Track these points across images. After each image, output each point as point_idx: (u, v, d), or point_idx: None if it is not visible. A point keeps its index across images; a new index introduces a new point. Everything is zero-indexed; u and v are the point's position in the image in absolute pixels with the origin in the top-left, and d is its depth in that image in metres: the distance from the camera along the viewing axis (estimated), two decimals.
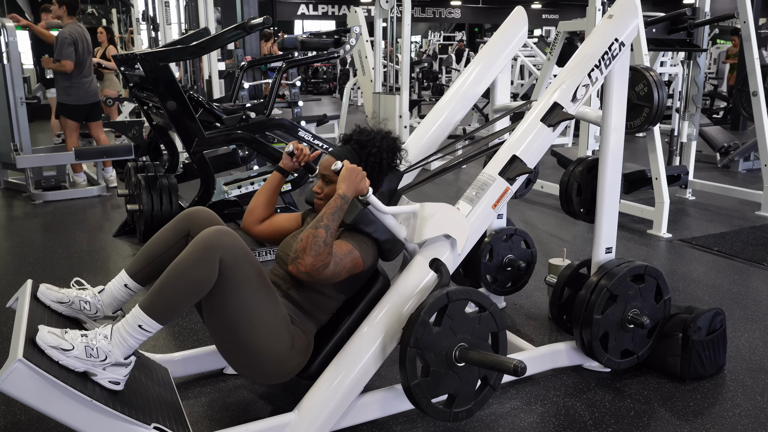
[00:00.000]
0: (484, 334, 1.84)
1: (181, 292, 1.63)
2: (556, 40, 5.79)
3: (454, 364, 1.78)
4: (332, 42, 4.24)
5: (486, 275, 2.76)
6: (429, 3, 26.47)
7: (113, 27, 11.54)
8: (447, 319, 1.77)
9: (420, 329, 1.72)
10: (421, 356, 1.74)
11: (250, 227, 2.10)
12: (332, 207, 1.76)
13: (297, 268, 1.70)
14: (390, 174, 2.04)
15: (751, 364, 2.40)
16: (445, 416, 1.81)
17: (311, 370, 1.88)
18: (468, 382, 1.83)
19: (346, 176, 1.79)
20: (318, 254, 1.69)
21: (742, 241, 3.97)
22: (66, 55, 5.10)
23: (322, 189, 1.98)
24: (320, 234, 1.70)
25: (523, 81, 10.22)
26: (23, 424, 1.99)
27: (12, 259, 3.63)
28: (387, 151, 1.99)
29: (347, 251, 1.81)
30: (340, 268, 1.77)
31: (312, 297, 1.90)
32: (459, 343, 1.79)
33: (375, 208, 1.86)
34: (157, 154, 5.05)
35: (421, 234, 1.93)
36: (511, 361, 1.66)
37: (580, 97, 2.14)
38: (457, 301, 1.78)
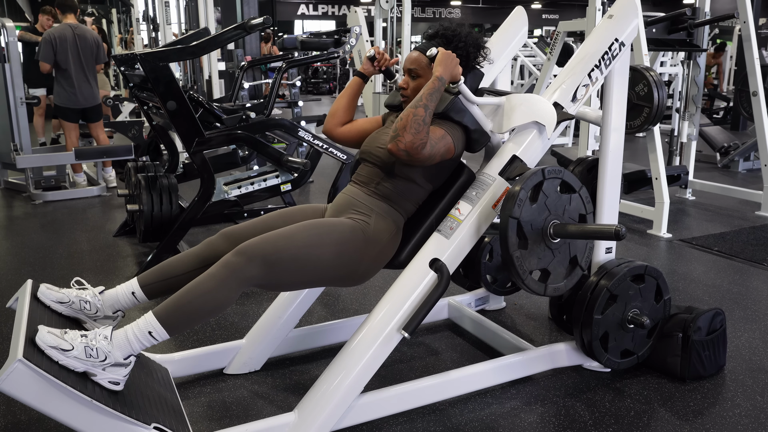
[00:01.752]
0: (574, 215, 1.96)
1: (199, 310, 1.66)
2: (556, 40, 5.79)
3: (549, 239, 1.90)
4: (332, 42, 4.24)
5: (486, 275, 2.76)
6: (429, 3, 26.48)
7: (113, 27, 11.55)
8: (542, 196, 1.87)
9: (519, 201, 1.81)
10: (519, 228, 1.83)
11: (332, 130, 2.17)
12: (430, 88, 1.83)
13: (397, 145, 1.77)
14: (473, 71, 2.08)
15: (751, 364, 2.40)
16: (540, 289, 1.94)
17: (401, 258, 1.97)
18: (560, 260, 1.95)
19: (443, 60, 1.86)
20: (418, 132, 1.77)
21: (742, 241, 3.97)
22: (43, 56, 5.07)
23: (408, 84, 2.04)
24: (420, 113, 1.78)
25: (523, 81, 10.22)
26: (23, 424, 1.99)
27: (12, 259, 3.63)
28: (473, 46, 2.04)
29: (441, 135, 1.89)
30: (435, 151, 1.85)
31: (402, 186, 1.96)
32: (553, 220, 1.90)
33: (464, 97, 1.94)
34: (157, 154, 5.05)
35: (510, 121, 2.01)
36: (611, 227, 1.75)
37: (580, 97, 2.14)
38: (551, 179, 1.90)
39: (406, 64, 2.05)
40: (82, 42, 5.18)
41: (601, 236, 1.79)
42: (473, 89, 2.09)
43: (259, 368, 2.31)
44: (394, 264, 1.98)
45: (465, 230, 1.96)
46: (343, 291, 3.09)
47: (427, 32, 2.11)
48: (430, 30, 2.10)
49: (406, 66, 2.05)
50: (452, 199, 2.03)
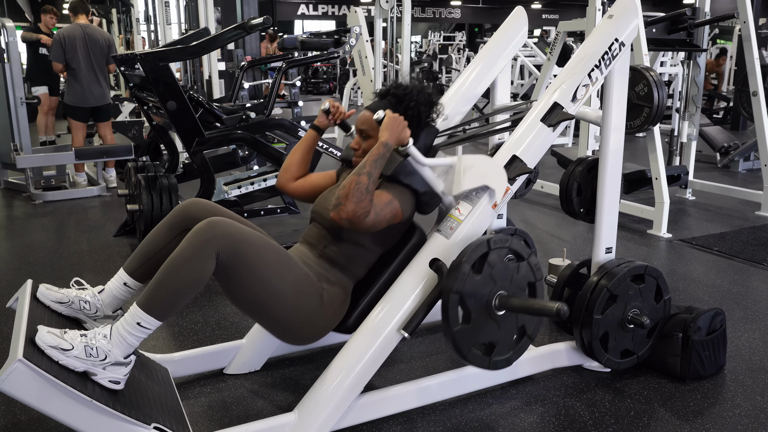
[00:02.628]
0: (522, 283, 1.89)
1: (177, 289, 1.63)
2: (556, 40, 5.79)
3: (494, 312, 1.83)
4: (332, 42, 4.24)
5: None
6: (429, 3, 26.47)
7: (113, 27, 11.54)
8: (487, 267, 1.80)
9: (462, 276, 1.75)
10: (462, 303, 1.77)
11: (285, 184, 2.13)
12: (375, 154, 1.78)
13: (339, 214, 1.72)
14: (426, 129, 2.05)
15: (751, 364, 2.40)
16: (484, 364, 1.86)
17: (348, 323, 1.92)
18: (507, 331, 1.87)
19: (389, 124, 1.81)
20: (360, 201, 1.71)
21: (742, 241, 3.97)
22: (54, 56, 5.15)
23: (360, 144, 2.00)
24: (363, 180, 1.73)
25: (523, 81, 10.21)
26: (23, 424, 1.99)
27: (12, 259, 3.63)
28: (424, 105, 2.01)
29: (387, 201, 1.84)
30: (380, 218, 1.80)
31: (350, 251, 1.92)
32: (499, 291, 1.83)
33: (414, 160, 1.89)
34: (157, 154, 5.05)
35: (459, 186, 1.95)
36: (553, 305, 1.68)
37: (580, 97, 2.14)
38: (497, 249, 1.82)
39: (357, 124, 2.00)
40: (92, 42, 5.21)
41: (543, 313, 1.73)
42: (427, 147, 2.05)
43: (259, 368, 2.31)
44: (341, 329, 1.92)
45: (465, 230, 1.96)
46: None
47: (380, 90, 2.07)
48: (382, 87, 2.07)
49: (357, 126, 2.01)
50: (403, 261, 1.96)
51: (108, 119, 5.55)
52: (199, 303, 2.92)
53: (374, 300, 1.93)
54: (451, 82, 14.03)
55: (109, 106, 5.50)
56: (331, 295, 1.86)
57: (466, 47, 17.72)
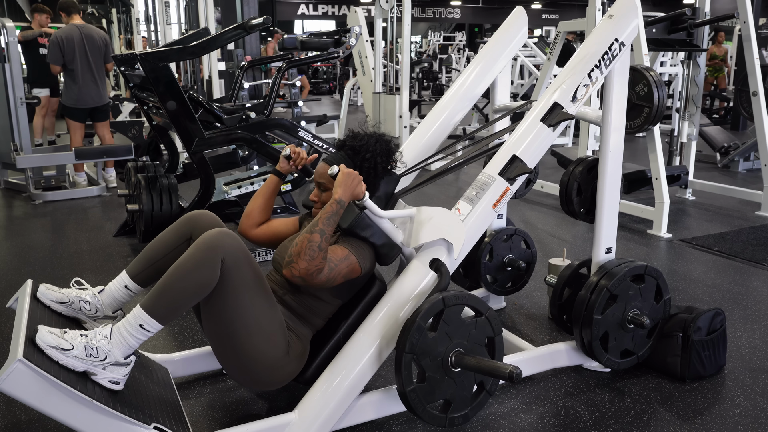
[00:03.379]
0: (481, 339, 1.83)
1: (182, 293, 1.63)
2: (556, 40, 5.79)
3: (450, 369, 1.77)
4: (332, 42, 4.23)
5: (486, 275, 2.76)
6: (429, 3, 26.47)
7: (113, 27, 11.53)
8: (443, 324, 1.75)
9: (416, 334, 1.70)
10: (417, 362, 1.73)
11: (247, 231, 2.09)
12: (328, 212, 1.75)
13: (291, 272, 1.70)
14: (386, 177, 2.02)
15: (751, 364, 2.40)
16: (440, 422, 1.80)
17: (307, 375, 1.88)
18: (464, 387, 1.82)
19: (342, 181, 1.77)
20: (312, 259, 1.68)
21: (742, 241, 3.97)
22: (51, 58, 5.12)
23: (319, 197, 1.98)
24: (315, 239, 1.69)
25: (523, 81, 10.22)
26: (23, 424, 1.99)
27: (12, 259, 3.63)
28: (381, 155, 1.98)
29: (343, 257, 1.80)
30: (335, 274, 1.77)
31: (308, 302, 1.89)
32: (455, 348, 1.78)
33: (371, 213, 1.85)
34: (157, 154, 5.05)
35: (417, 238, 1.92)
36: (507, 367, 1.64)
37: (580, 97, 2.14)
38: (453, 306, 1.77)
39: (315, 176, 1.98)
40: (89, 42, 5.20)
41: (495, 375, 1.68)
42: (388, 195, 2.03)
43: None
44: (300, 380, 1.88)
45: (465, 229, 1.96)
46: None
47: (336, 141, 2.05)
48: (339, 139, 2.04)
49: (315, 179, 1.98)
50: (362, 312, 1.92)
51: (106, 119, 5.55)
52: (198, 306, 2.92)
53: (333, 352, 1.88)
54: (451, 82, 14.04)
55: (106, 107, 5.50)
56: (294, 344, 1.84)
57: (466, 47, 17.73)
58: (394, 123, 5.80)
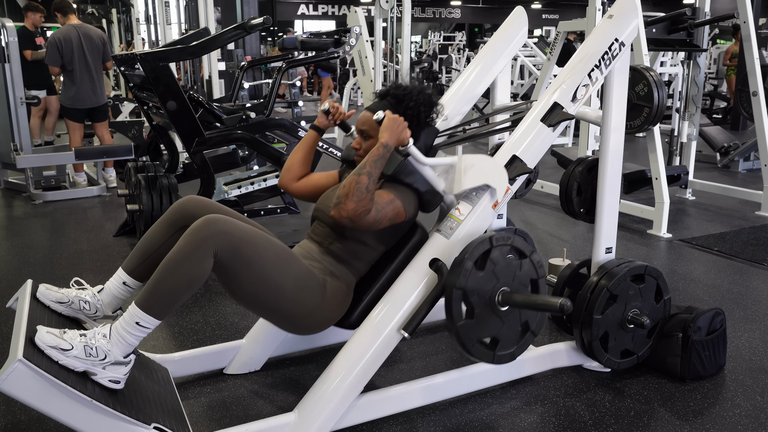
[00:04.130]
0: (525, 280, 1.91)
1: (175, 288, 1.63)
2: (556, 40, 5.79)
3: (497, 307, 1.85)
4: (332, 42, 4.24)
5: None
6: (429, 3, 26.48)
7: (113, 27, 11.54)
8: (490, 264, 1.83)
9: (465, 272, 1.77)
10: (465, 298, 1.79)
11: (288, 184, 2.14)
12: (375, 155, 1.80)
13: (339, 212, 1.74)
14: (427, 129, 2.06)
15: (751, 364, 2.40)
16: (488, 358, 1.88)
17: (351, 319, 1.94)
18: (510, 327, 1.90)
19: (389, 125, 1.83)
20: (360, 200, 1.73)
21: (742, 241, 3.97)
22: (50, 59, 5.10)
23: (361, 145, 2.02)
24: (362, 180, 1.74)
25: (523, 81, 10.22)
26: (23, 424, 1.99)
27: (12, 259, 3.63)
28: (424, 105, 2.02)
29: (389, 200, 1.86)
30: (381, 216, 1.82)
31: (353, 247, 1.94)
32: (502, 288, 1.85)
33: (415, 159, 1.90)
34: (157, 154, 5.05)
35: (460, 184, 1.97)
36: (557, 300, 1.70)
37: (580, 97, 2.14)
38: (500, 246, 1.85)
39: (358, 124, 2.01)
40: (87, 42, 5.19)
41: (545, 308, 1.75)
42: (427, 147, 2.06)
43: (259, 368, 2.31)
44: (344, 324, 1.94)
45: (465, 230, 1.96)
46: None
47: (380, 91, 2.08)
48: (382, 88, 2.08)
49: (357, 126, 2.02)
50: (405, 259, 1.98)
51: (105, 120, 5.54)
52: (199, 303, 2.92)
53: (377, 297, 1.94)
54: (451, 82, 14.04)
55: (105, 107, 5.49)
56: (335, 289, 1.88)
57: (466, 47, 17.73)
58: None
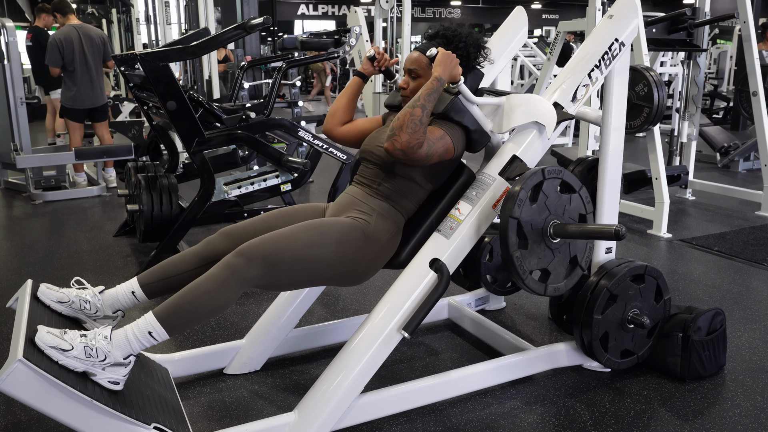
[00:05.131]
0: (574, 215, 1.96)
1: (199, 310, 1.66)
2: (556, 40, 5.79)
3: (549, 239, 1.89)
4: (332, 42, 4.24)
5: (486, 275, 2.76)
6: (429, 3, 26.48)
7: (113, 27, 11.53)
8: (542, 196, 1.87)
9: (519, 202, 1.81)
10: (519, 229, 1.83)
11: (332, 129, 2.17)
12: (429, 88, 1.83)
13: (393, 144, 1.77)
14: (473, 71, 2.09)
15: (751, 364, 2.40)
16: (540, 289, 1.93)
17: (401, 258, 1.97)
18: (561, 260, 1.95)
19: (442, 60, 1.87)
20: (414, 132, 1.76)
21: (742, 241, 3.97)
22: (50, 60, 5.10)
23: (409, 84, 2.04)
24: (416, 113, 1.78)
25: (523, 81, 10.22)
26: (23, 424, 1.99)
27: (12, 259, 3.63)
28: (473, 47, 2.04)
29: (439, 136, 1.89)
30: (432, 151, 1.85)
31: (402, 185, 1.96)
32: (553, 220, 1.90)
33: (464, 98, 1.93)
34: (157, 154, 5.05)
35: (510, 122, 2.01)
36: (612, 226, 1.75)
37: (580, 97, 2.14)
38: (551, 179, 1.90)
39: (407, 64, 2.05)
40: (88, 41, 5.18)
41: (601, 236, 1.80)
42: (473, 89, 2.09)
43: (259, 368, 2.31)
44: (394, 264, 1.98)
45: (465, 230, 1.96)
46: (343, 291, 3.09)
47: (428, 32, 2.11)
48: (430, 30, 2.10)
49: (406, 66, 2.05)
50: (452, 199, 2.04)
51: (105, 120, 5.54)
52: None
53: (425, 236, 1.99)
54: None
55: (105, 107, 5.48)
56: (380, 230, 1.91)
57: None
58: None
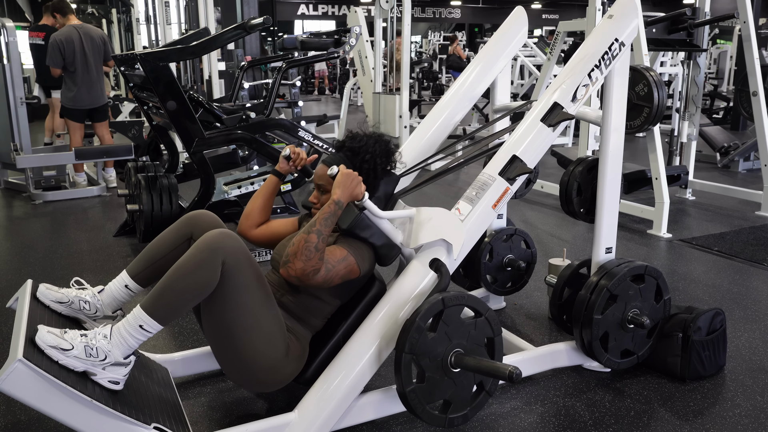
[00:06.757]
0: (480, 339, 1.83)
1: (183, 294, 1.63)
2: (556, 40, 5.79)
3: (449, 369, 1.77)
4: (332, 42, 4.24)
5: (486, 275, 2.76)
6: (429, 3, 26.48)
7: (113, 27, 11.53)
8: (443, 325, 1.75)
9: (415, 335, 1.70)
10: (416, 362, 1.73)
11: (247, 231, 2.09)
12: (326, 212, 1.75)
13: (288, 272, 1.70)
14: (386, 178, 2.01)
15: (751, 364, 2.40)
16: (440, 422, 1.80)
17: (307, 375, 1.87)
18: (464, 388, 1.82)
19: (341, 181, 1.78)
20: (309, 259, 1.68)
21: (742, 241, 3.97)
22: (51, 60, 5.10)
23: (318, 199, 1.97)
24: (312, 239, 1.69)
25: (523, 81, 10.22)
26: (23, 424, 1.99)
27: (12, 259, 3.63)
28: (381, 156, 1.97)
29: (341, 257, 1.80)
30: (332, 275, 1.76)
31: (306, 301, 1.89)
32: (455, 349, 1.78)
33: (371, 213, 1.85)
34: (157, 154, 5.05)
35: (417, 239, 1.91)
36: (507, 368, 1.64)
37: (580, 97, 2.14)
38: (453, 307, 1.76)
39: (315, 178, 1.97)
40: (88, 42, 5.19)
41: (496, 375, 1.68)
42: (387, 195, 2.03)
43: None
44: (299, 380, 1.88)
45: (465, 230, 1.96)
46: None
47: (335, 142, 2.04)
48: (338, 141, 2.03)
49: (315, 180, 1.98)
50: (361, 313, 1.92)
51: (105, 120, 5.54)
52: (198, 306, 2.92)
53: (333, 352, 1.88)
54: (451, 82, 14.04)
55: (105, 107, 5.49)
56: (293, 345, 1.83)
57: (466, 47, 17.72)
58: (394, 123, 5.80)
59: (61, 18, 5.32)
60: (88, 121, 5.50)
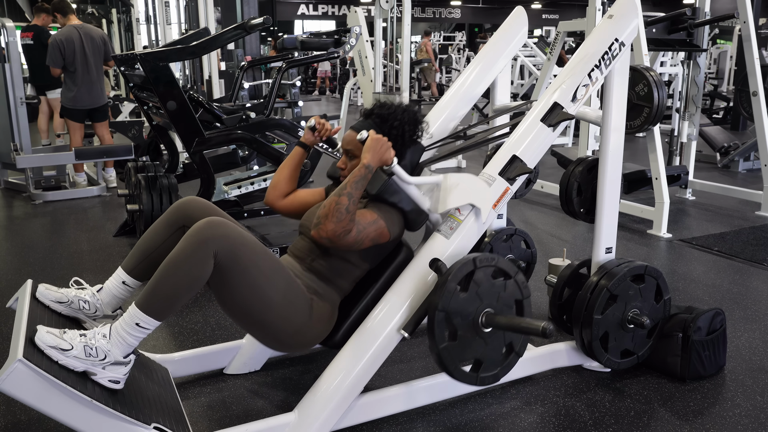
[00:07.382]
0: (509, 301, 1.89)
1: (176, 289, 1.62)
2: (556, 40, 5.79)
3: (480, 329, 1.83)
4: (332, 42, 4.24)
5: None
6: (429, 3, 26.47)
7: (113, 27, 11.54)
8: (473, 285, 1.80)
9: (448, 293, 1.75)
10: (448, 320, 1.77)
11: (274, 202, 2.13)
12: (356, 176, 1.78)
13: (319, 233, 1.74)
14: (412, 146, 2.05)
15: (751, 364, 2.40)
16: (472, 380, 1.86)
17: (336, 338, 1.91)
18: (494, 348, 1.87)
19: (371, 146, 1.81)
20: (339, 221, 1.72)
21: (742, 241, 3.97)
22: (51, 60, 5.10)
23: (346, 164, 2.01)
24: (343, 201, 1.73)
25: (523, 81, 10.22)
26: (23, 424, 1.99)
27: (12, 259, 3.63)
28: (409, 124, 2.01)
29: (372, 220, 1.84)
30: (363, 236, 1.80)
31: (336, 265, 1.91)
32: (485, 309, 1.83)
33: (399, 179, 1.89)
34: (157, 154, 5.05)
35: (445, 204, 1.95)
36: (539, 323, 1.69)
37: (580, 97, 2.14)
38: (483, 268, 1.82)
39: (343, 144, 2.00)
40: (88, 42, 5.18)
41: (528, 332, 1.73)
42: (414, 164, 2.06)
43: (259, 368, 2.31)
44: (328, 343, 1.92)
45: (465, 230, 1.96)
46: None
47: (365, 109, 2.07)
48: (367, 108, 2.06)
49: (343, 146, 2.01)
50: (389, 278, 1.96)
51: (105, 120, 5.54)
52: (199, 303, 2.92)
53: (361, 315, 1.91)
54: (451, 82, 14.04)
55: (105, 107, 5.48)
56: (320, 308, 1.85)
57: (466, 47, 17.73)
58: None
59: (62, 18, 5.32)
60: (88, 121, 5.50)
